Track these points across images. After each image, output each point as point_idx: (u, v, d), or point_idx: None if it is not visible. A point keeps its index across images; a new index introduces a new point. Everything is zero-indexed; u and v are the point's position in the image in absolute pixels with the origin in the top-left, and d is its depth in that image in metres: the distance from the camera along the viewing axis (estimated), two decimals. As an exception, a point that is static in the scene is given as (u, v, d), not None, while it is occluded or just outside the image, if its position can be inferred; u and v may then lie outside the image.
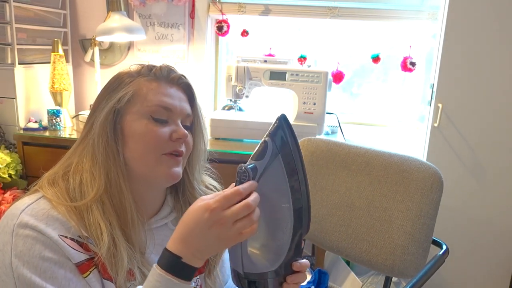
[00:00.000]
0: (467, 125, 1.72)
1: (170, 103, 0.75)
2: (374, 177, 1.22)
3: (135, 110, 0.74)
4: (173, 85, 0.78)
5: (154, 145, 0.73)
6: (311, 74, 1.75)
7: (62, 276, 0.63)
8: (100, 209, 0.69)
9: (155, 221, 0.80)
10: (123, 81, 0.76)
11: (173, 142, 0.74)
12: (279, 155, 0.62)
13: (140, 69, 0.78)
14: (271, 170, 0.62)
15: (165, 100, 0.75)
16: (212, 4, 2.09)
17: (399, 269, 1.12)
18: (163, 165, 0.74)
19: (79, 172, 0.72)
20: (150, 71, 0.77)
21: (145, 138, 0.73)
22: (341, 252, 1.25)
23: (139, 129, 0.73)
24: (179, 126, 0.76)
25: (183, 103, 0.78)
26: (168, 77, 0.78)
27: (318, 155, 1.32)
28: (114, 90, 0.75)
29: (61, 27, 2.12)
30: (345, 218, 1.24)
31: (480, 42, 1.65)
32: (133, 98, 0.74)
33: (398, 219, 1.14)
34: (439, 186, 1.12)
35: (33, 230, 0.64)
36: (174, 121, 0.76)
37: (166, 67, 0.79)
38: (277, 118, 0.64)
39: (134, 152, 0.73)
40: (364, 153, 1.25)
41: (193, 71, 2.17)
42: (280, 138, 0.63)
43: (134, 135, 0.73)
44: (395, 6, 1.97)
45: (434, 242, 1.20)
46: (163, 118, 0.75)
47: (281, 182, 0.63)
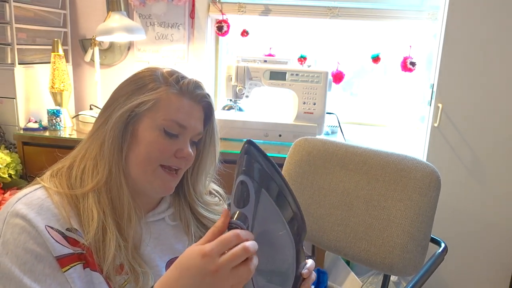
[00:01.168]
0: (467, 125, 1.72)
1: (186, 121, 0.76)
2: (372, 176, 1.22)
3: (151, 119, 0.74)
4: (196, 102, 0.78)
5: (157, 156, 0.74)
6: (311, 74, 1.75)
7: (40, 271, 0.64)
8: (95, 198, 0.70)
9: (152, 215, 0.81)
10: (147, 85, 0.75)
11: (176, 158, 0.76)
12: (262, 190, 0.57)
13: (168, 78, 0.76)
14: (261, 208, 0.57)
15: (182, 117, 0.75)
16: (212, 4, 2.09)
17: (398, 268, 1.13)
18: (158, 177, 0.75)
19: (84, 161, 0.74)
20: (177, 84, 0.76)
21: (152, 147, 0.74)
22: (339, 252, 1.26)
23: (149, 138, 0.74)
24: (187, 146, 0.77)
25: (198, 122, 0.78)
26: (193, 93, 0.77)
27: (315, 155, 1.32)
28: (136, 91, 0.75)
29: (61, 27, 2.12)
30: (343, 218, 1.25)
31: (480, 42, 1.65)
32: (154, 107, 0.74)
33: (397, 217, 1.15)
34: (437, 184, 1.13)
35: (23, 219, 0.65)
36: (184, 137, 0.77)
37: (194, 83, 0.78)
38: (243, 147, 0.58)
39: (136, 157, 0.74)
40: (362, 153, 1.26)
41: (193, 71, 2.17)
42: (257, 171, 0.57)
43: (143, 142, 0.74)
44: (395, 6, 1.97)
45: (433, 240, 1.21)
46: (175, 133, 0.75)
47: (273, 214, 0.59)
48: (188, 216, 0.85)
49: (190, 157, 0.77)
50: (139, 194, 0.78)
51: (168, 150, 0.75)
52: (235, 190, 0.58)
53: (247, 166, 0.57)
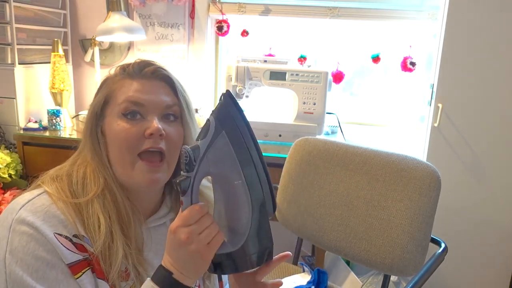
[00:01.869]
0: (467, 125, 1.72)
1: (139, 97, 0.72)
2: (372, 176, 1.22)
3: (110, 112, 0.73)
4: (149, 79, 0.75)
5: (127, 144, 0.70)
6: (311, 74, 1.75)
7: (53, 277, 0.63)
8: (100, 203, 0.69)
9: (153, 220, 0.79)
10: (102, 85, 0.77)
11: (147, 139, 0.70)
12: (223, 132, 0.61)
13: (116, 71, 0.77)
14: (217, 148, 0.61)
15: (134, 94, 0.72)
16: (212, 4, 2.09)
17: (398, 268, 1.13)
18: (140, 171, 0.71)
19: (83, 168, 0.73)
20: (123, 70, 0.76)
21: (118, 137, 0.71)
22: (339, 252, 1.26)
23: (113, 130, 0.72)
24: (153, 121, 0.71)
25: (160, 96, 0.74)
26: (141, 72, 0.75)
27: (315, 154, 1.32)
28: (97, 93, 0.77)
29: (61, 27, 2.12)
30: (343, 218, 1.24)
31: (480, 42, 1.65)
32: (109, 100, 0.74)
33: (397, 217, 1.14)
34: (437, 184, 1.12)
35: (29, 227, 0.64)
36: (150, 115, 0.72)
37: (139, 62, 0.76)
38: (221, 95, 0.63)
39: (113, 156, 0.73)
40: (362, 153, 1.26)
41: (193, 71, 2.17)
42: (224, 114, 0.62)
43: (112, 137, 0.72)
44: (395, 6, 1.97)
45: (433, 240, 1.21)
46: (135, 114, 0.71)
47: (229, 159, 0.62)
48: None
49: (158, 132, 0.70)
50: (136, 198, 0.76)
51: (134, 133, 0.70)
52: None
53: (217, 109, 0.62)
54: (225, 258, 0.64)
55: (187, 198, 0.61)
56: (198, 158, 0.60)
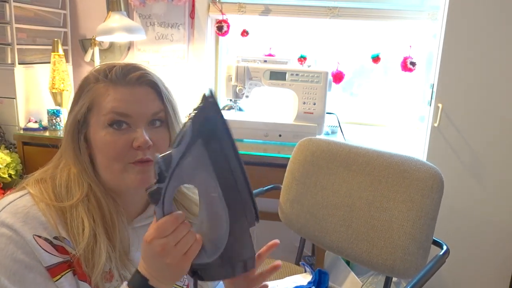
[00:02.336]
0: (467, 125, 1.72)
1: (124, 108, 0.69)
2: (374, 177, 1.21)
3: (94, 121, 0.71)
4: (134, 86, 0.71)
5: (115, 156, 0.69)
6: (311, 74, 1.75)
7: (31, 280, 0.63)
8: (85, 207, 0.68)
9: (140, 220, 0.78)
10: (84, 89, 0.72)
11: (135, 150, 0.70)
12: (199, 140, 0.56)
13: (97, 75, 0.72)
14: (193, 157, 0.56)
15: (119, 105, 0.69)
16: (212, 4, 2.09)
17: (400, 270, 1.12)
18: (130, 173, 0.70)
19: (66, 171, 0.72)
20: (106, 77, 0.71)
21: (106, 149, 0.70)
22: (341, 252, 1.25)
23: (100, 140, 0.70)
24: (140, 133, 0.69)
25: (146, 103, 0.71)
26: (124, 79, 0.71)
27: (319, 155, 1.32)
28: (78, 98, 0.73)
29: (61, 27, 2.12)
30: (345, 218, 1.24)
31: (480, 42, 1.65)
32: (93, 108, 0.71)
33: (399, 219, 1.14)
34: (439, 186, 1.12)
35: (9, 228, 0.63)
36: (137, 125, 0.70)
37: (122, 67, 0.72)
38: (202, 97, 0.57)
39: (100, 163, 0.72)
40: (365, 153, 1.25)
41: (193, 71, 2.17)
42: (202, 120, 0.56)
43: (98, 146, 0.71)
44: (395, 6, 1.97)
45: (435, 242, 1.19)
46: (122, 124, 0.70)
47: (205, 170, 0.57)
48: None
49: (146, 144, 0.69)
50: (122, 200, 0.75)
51: (122, 144, 0.69)
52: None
53: (195, 112, 0.57)
54: (202, 267, 0.62)
55: (159, 209, 0.59)
56: (170, 169, 0.57)
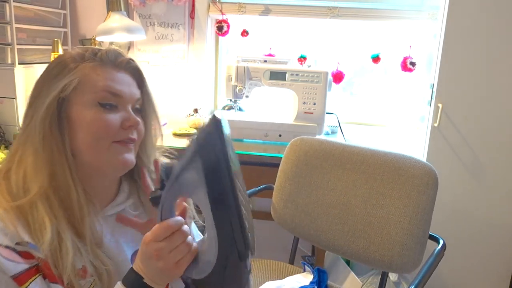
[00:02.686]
0: (467, 125, 1.72)
1: (118, 89, 0.72)
2: (369, 175, 1.23)
3: (82, 98, 0.70)
4: (121, 69, 0.74)
5: (104, 133, 0.70)
6: (311, 74, 1.75)
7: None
8: (45, 204, 0.66)
9: (111, 208, 0.77)
10: (66, 67, 0.71)
11: (124, 130, 0.72)
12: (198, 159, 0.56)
13: (84, 53, 0.72)
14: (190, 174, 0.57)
15: (113, 85, 0.71)
16: (212, 4, 2.09)
17: (398, 265, 1.14)
18: (114, 153, 0.71)
19: (22, 167, 0.68)
20: (95, 56, 0.72)
21: (95, 126, 0.69)
22: (338, 250, 1.27)
23: (88, 117, 0.69)
24: (131, 113, 0.73)
25: (132, 88, 0.75)
26: (115, 61, 0.74)
27: (312, 154, 1.33)
28: (56, 77, 0.70)
29: (61, 27, 2.12)
30: (341, 216, 1.25)
31: (480, 42, 1.65)
32: (79, 86, 0.70)
33: (396, 215, 1.16)
34: (435, 182, 1.15)
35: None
36: (124, 107, 0.73)
37: (113, 50, 0.74)
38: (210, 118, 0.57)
39: (83, 143, 0.70)
40: (359, 152, 1.27)
41: (193, 71, 2.17)
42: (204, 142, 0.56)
43: (83, 125, 0.69)
44: (395, 6, 1.97)
45: (431, 237, 1.22)
46: (113, 104, 0.71)
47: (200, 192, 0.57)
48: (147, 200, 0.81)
49: (138, 124, 0.73)
50: (92, 187, 0.73)
51: (112, 123, 0.70)
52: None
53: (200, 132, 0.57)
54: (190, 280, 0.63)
55: (158, 214, 0.61)
56: (170, 179, 0.59)
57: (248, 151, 1.66)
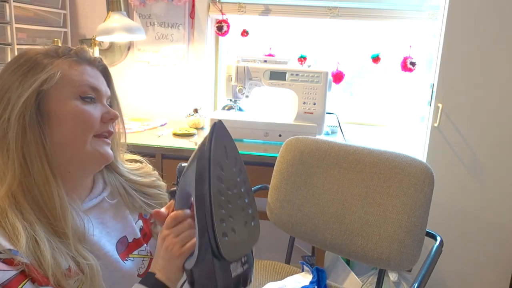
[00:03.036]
0: (467, 125, 1.72)
1: (96, 84, 0.75)
2: (366, 174, 1.24)
3: (62, 92, 0.70)
4: (94, 66, 0.78)
5: (87, 126, 0.72)
6: (311, 74, 1.75)
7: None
8: (14, 208, 0.65)
9: (89, 200, 0.78)
10: (40, 63, 0.70)
11: (104, 123, 0.75)
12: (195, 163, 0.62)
13: (57, 50, 0.74)
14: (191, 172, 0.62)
15: (91, 80, 0.75)
16: (212, 4, 2.09)
17: (396, 262, 1.15)
18: (95, 146, 0.74)
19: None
20: (69, 52, 0.75)
21: (78, 119, 0.71)
22: (335, 249, 1.27)
23: (70, 111, 0.70)
24: (108, 108, 0.77)
25: (104, 85, 0.79)
26: (88, 59, 0.77)
27: (308, 153, 1.33)
28: (30, 72, 0.69)
29: (61, 27, 2.12)
30: (338, 215, 1.26)
31: (480, 42, 1.65)
32: (60, 80, 0.70)
33: (393, 213, 1.17)
34: (431, 180, 1.16)
35: None
36: (101, 102, 0.76)
37: (83, 48, 0.77)
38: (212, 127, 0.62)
39: (64, 136, 0.70)
40: (355, 151, 1.28)
41: (193, 71, 2.17)
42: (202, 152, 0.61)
43: (66, 118, 0.70)
44: (395, 6, 1.97)
45: (428, 234, 1.23)
46: (92, 97, 0.74)
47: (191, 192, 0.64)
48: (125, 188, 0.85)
49: (117, 117, 0.77)
50: (71, 183, 0.74)
51: (94, 116, 0.73)
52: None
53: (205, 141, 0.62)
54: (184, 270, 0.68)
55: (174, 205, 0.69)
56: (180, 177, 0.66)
57: (248, 151, 1.66)
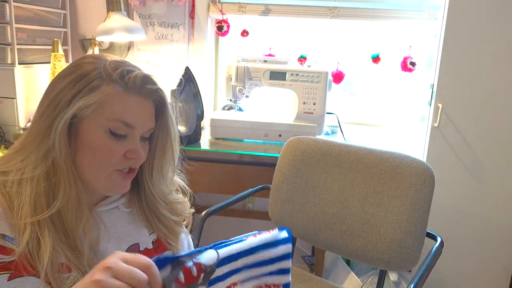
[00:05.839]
0: (467, 125, 1.72)
1: (133, 120, 0.70)
2: (367, 174, 1.24)
3: (95, 120, 0.68)
4: (145, 97, 0.72)
5: (106, 161, 0.70)
6: (311, 74, 1.75)
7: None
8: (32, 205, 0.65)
9: (104, 205, 0.77)
10: (91, 82, 0.67)
11: (126, 159, 0.71)
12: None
13: (112, 74, 0.69)
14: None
15: (129, 116, 0.70)
16: (212, 4, 2.09)
17: (396, 262, 1.15)
18: (112, 179, 0.72)
19: (22, 170, 0.67)
20: (122, 79, 0.69)
21: (99, 152, 0.69)
22: (335, 249, 1.27)
23: (95, 141, 0.69)
24: (137, 146, 0.72)
25: (147, 119, 0.73)
26: (141, 89, 0.71)
27: (309, 153, 1.33)
28: (80, 92, 0.67)
29: (61, 27, 2.12)
30: (338, 215, 1.26)
31: (480, 42, 1.65)
32: (97, 107, 0.67)
33: (393, 214, 1.17)
34: (431, 180, 1.16)
35: None
36: (133, 137, 0.71)
37: (142, 77, 0.71)
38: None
39: (84, 161, 0.69)
40: (355, 151, 1.28)
41: (193, 71, 2.17)
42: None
43: (88, 145, 0.69)
44: (395, 6, 1.97)
45: (428, 235, 1.23)
46: (123, 134, 0.70)
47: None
48: (147, 212, 0.81)
49: (141, 158, 0.73)
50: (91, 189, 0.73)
51: (117, 152, 0.70)
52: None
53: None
54: None
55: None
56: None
57: (248, 151, 1.66)
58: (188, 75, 1.68)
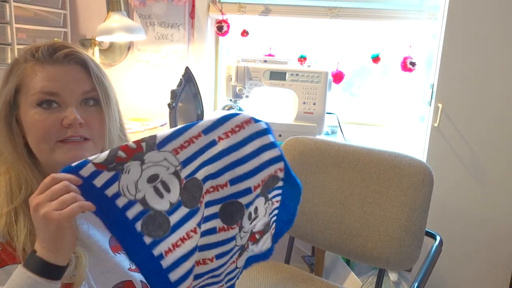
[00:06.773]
0: (467, 125, 1.72)
1: (52, 87, 0.70)
2: (366, 174, 1.24)
3: (23, 102, 0.71)
4: (62, 64, 0.72)
5: (44, 135, 0.70)
6: (311, 74, 1.75)
7: None
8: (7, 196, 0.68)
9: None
10: (12, 70, 0.72)
11: (66, 128, 0.70)
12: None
13: (25, 54, 0.72)
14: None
15: (47, 85, 0.70)
16: (212, 4, 2.09)
17: (395, 261, 1.16)
18: (60, 152, 0.71)
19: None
20: (32, 55, 0.71)
21: (35, 127, 0.70)
22: (335, 249, 1.27)
23: (29, 120, 0.70)
24: (70, 111, 0.70)
25: (75, 82, 0.72)
26: (51, 57, 0.71)
27: (307, 153, 1.34)
28: (7, 80, 0.72)
29: (61, 27, 2.12)
30: (338, 215, 1.26)
31: (480, 42, 1.65)
32: (22, 89, 0.71)
33: (393, 213, 1.17)
34: (430, 180, 1.17)
35: None
36: (67, 104, 0.71)
37: (48, 46, 0.72)
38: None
39: (32, 144, 0.72)
40: (354, 151, 1.28)
41: (193, 71, 2.17)
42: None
43: (28, 127, 0.71)
44: (395, 6, 1.97)
45: (427, 234, 1.24)
46: (52, 105, 0.70)
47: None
48: None
49: (77, 122, 0.70)
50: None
51: (51, 123, 0.70)
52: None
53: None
54: None
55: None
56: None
57: (248, 151, 1.66)
58: (188, 75, 1.68)
